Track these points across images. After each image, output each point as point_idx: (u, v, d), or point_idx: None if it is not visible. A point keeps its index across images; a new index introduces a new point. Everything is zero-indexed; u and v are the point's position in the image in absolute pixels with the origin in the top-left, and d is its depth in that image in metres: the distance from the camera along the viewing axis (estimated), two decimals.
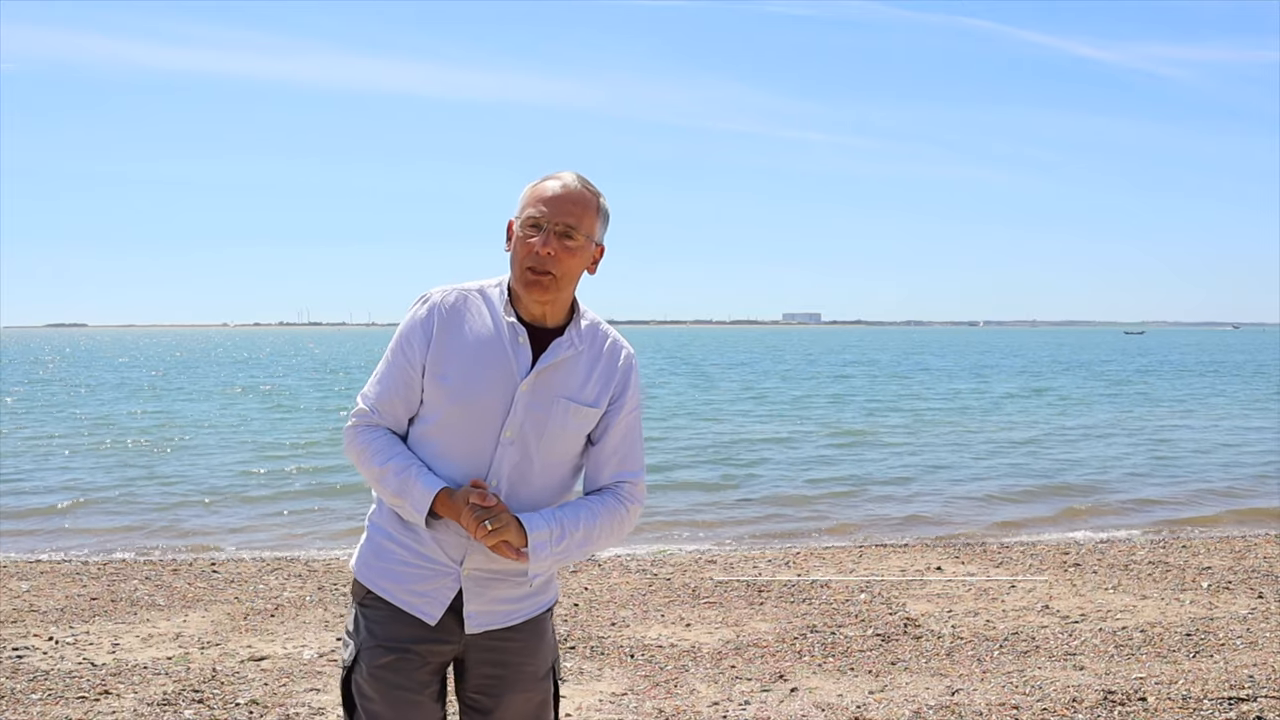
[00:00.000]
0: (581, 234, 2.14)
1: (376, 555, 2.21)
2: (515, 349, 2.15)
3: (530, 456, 2.15)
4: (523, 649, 2.23)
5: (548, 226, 2.12)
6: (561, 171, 2.19)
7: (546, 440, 2.16)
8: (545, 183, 2.17)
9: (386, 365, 2.20)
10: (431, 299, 2.20)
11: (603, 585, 6.86)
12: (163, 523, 10.27)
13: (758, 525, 10.23)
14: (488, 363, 2.14)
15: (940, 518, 10.50)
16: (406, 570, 2.17)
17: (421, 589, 2.16)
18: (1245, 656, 5.08)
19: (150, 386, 34.50)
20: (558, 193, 2.14)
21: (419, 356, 2.16)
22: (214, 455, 15.76)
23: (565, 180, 2.16)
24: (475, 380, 2.13)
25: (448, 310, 2.18)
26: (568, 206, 2.13)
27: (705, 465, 14.46)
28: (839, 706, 4.44)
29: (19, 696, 4.53)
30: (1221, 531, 9.52)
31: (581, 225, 2.14)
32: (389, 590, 2.17)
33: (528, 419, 2.14)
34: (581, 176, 2.18)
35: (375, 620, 2.19)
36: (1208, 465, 14.43)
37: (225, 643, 5.45)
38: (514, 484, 2.15)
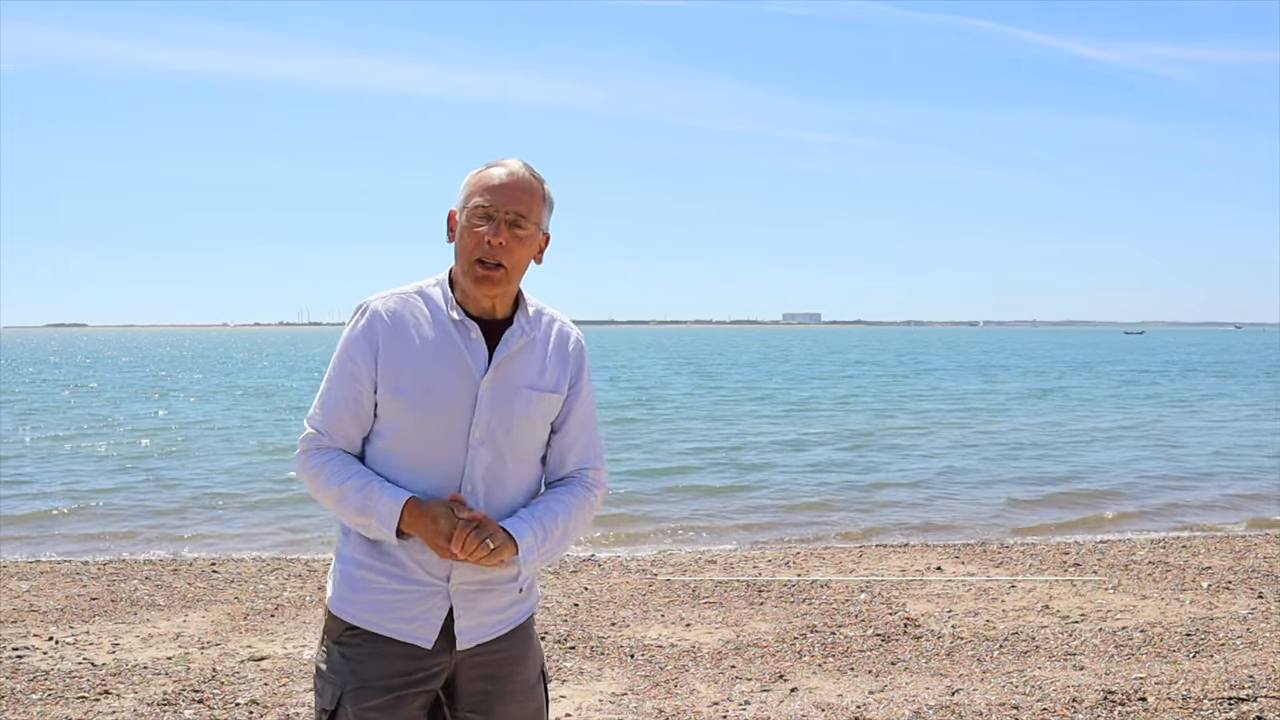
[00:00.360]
0: (531, 222, 2.07)
1: (354, 588, 2.07)
2: (469, 346, 2.07)
3: (502, 455, 2.08)
4: (512, 658, 2.15)
5: (498, 216, 2.04)
6: (505, 159, 2.11)
7: (515, 435, 2.09)
8: (490, 170, 2.09)
9: (331, 384, 2.09)
10: (370, 308, 2.10)
11: (603, 585, 6.86)
12: (163, 523, 10.28)
13: (771, 531, 10.00)
14: (443, 365, 2.06)
15: (961, 522, 10.30)
16: (391, 598, 2.05)
17: (410, 614, 2.05)
18: (1245, 656, 5.08)
19: (153, 389, 34.48)
20: (505, 180, 2.06)
21: (366, 371, 2.06)
22: (216, 457, 15.76)
23: (512, 168, 2.08)
24: (434, 386, 2.04)
25: (390, 318, 2.07)
26: (516, 194, 2.06)
27: (714, 468, 14.31)
28: (839, 706, 4.44)
29: (19, 696, 4.53)
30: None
31: (531, 213, 2.07)
32: (374, 622, 2.05)
33: (494, 416, 2.06)
34: (526, 164, 2.11)
35: (358, 658, 2.05)
36: (1232, 468, 14.21)
37: (225, 643, 5.45)
38: (490, 487, 2.08)
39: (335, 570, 2.13)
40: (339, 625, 2.08)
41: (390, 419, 2.06)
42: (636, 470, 13.83)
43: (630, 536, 9.57)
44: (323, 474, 2.06)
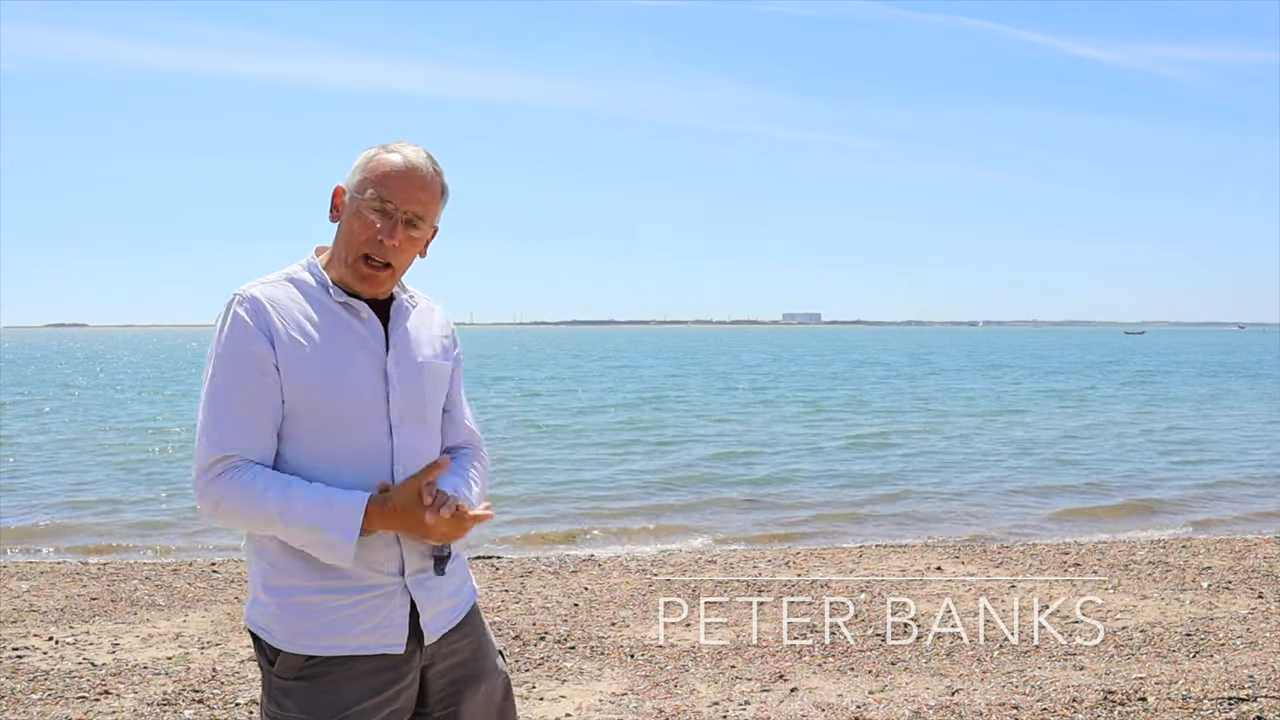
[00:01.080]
0: (427, 223, 1.97)
1: (305, 615, 1.89)
2: (365, 325, 1.96)
3: (420, 432, 2.01)
4: (474, 645, 2.09)
5: (395, 214, 1.92)
6: (405, 145, 1.98)
7: (428, 410, 2.03)
8: (391, 157, 1.95)
9: (224, 391, 1.86)
10: (250, 295, 1.91)
11: (603, 585, 6.86)
12: (164, 523, 10.28)
13: (802, 543, 9.61)
14: (346, 348, 1.93)
15: (1000, 529, 9.92)
16: (350, 612, 1.90)
17: (374, 623, 1.92)
18: (1245, 656, 5.08)
19: (156, 390, 34.49)
20: (408, 175, 1.93)
21: (268, 358, 1.86)
22: None
23: (414, 159, 1.95)
24: (344, 371, 1.91)
25: (272, 305, 1.91)
26: (418, 194, 1.94)
27: (734, 471, 13.94)
28: (839, 706, 4.44)
29: (19, 696, 4.53)
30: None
31: (429, 214, 1.97)
32: (337, 644, 1.89)
33: (406, 393, 1.98)
34: (428, 154, 1.98)
35: (327, 688, 1.89)
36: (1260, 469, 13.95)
37: (225, 643, 5.45)
38: (418, 464, 1.97)
39: (271, 605, 1.92)
40: (295, 660, 1.90)
41: (301, 414, 1.89)
42: (658, 475, 13.46)
43: (629, 536, 9.56)
44: (253, 492, 1.82)
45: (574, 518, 10.40)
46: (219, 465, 1.85)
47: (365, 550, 1.90)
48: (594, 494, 11.88)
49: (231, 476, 1.84)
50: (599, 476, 13.32)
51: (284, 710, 1.90)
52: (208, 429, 1.86)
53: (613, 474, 13.58)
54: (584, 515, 10.52)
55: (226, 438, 1.85)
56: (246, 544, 2.00)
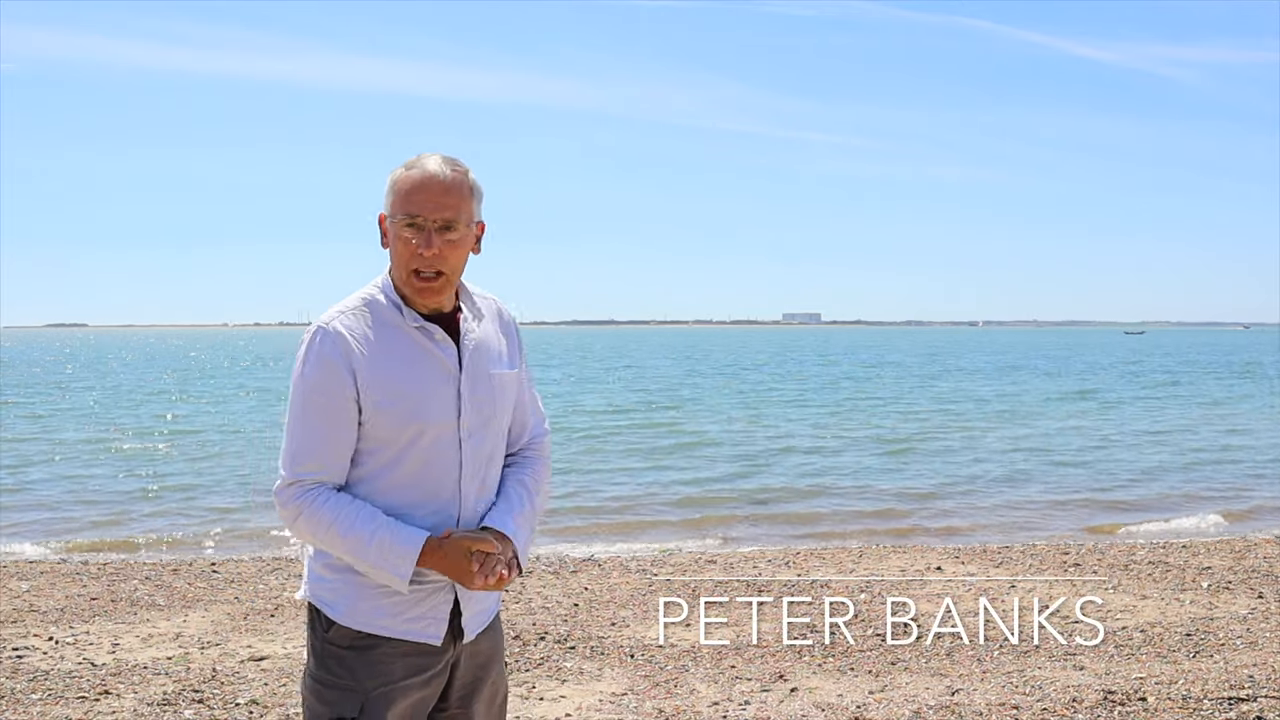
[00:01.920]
0: (461, 223, 2.03)
1: (361, 596, 2.06)
2: (439, 347, 2.08)
3: (487, 442, 2.14)
4: (494, 647, 2.25)
5: (426, 225, 2.00)
6: (424, 156, 2.05)
7: (497, 420, 2.16)
8: (409, 174, 2.03)
9: (305, 416, 2.02)
10: (329, 329, 2.03)
11: (603, 585, 6.86)
12: (164, 523, 10.28)
13: (803, 543, 9.47)
14: (425, 371, 2.06)
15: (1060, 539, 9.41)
16: (398, 600, 2.06)
17: (418, 612, 2.07)
18: (1245, 656, 5.08)
19: (158, 391, 34.51)
20: (427, 185, 2.00)
21: (347, 394, 2.00)
22: (220, 457, 15.77)
23: (430, 169, 2.02)
24: (424, 393, 2.04)
25: (354, 335, 2.03)
26: (440, 199, 2.01)
27: (764, 477, 13.44)
28: (839, 706, 4.44)
29: (19, 696, 4.53)
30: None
31: (460, 214, 2.02)
32: (386, 626, 2.05)
33: (475, 407, 2.10)
34: (447, 158, 2.05)
35: (375, 661, 2.05)
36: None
37: (225, 643, 5.45)
38: (483, 474, 2.14)
39: (333, 582, 2.09)
40: (349, 633, 2.06)
41: (379, 435, 2.03)
42: (693, 480, 13.05)
43: (630, 534, 9.56)
44: (322, 523, 2.01)
45: (589, 529, 10.07)
46: (296, 487, 2.03)
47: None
48: (623, 502, 11.49)
49: (305, 499, 2.02)
50: (631, 482, 12.92)
51: (334, 676, 2.05)
52: (289, 451, 2.04)
53: (644, 480, 13.11)
54: (600, 528, 10.18)
55: (303, 460, 2.02)
56: None
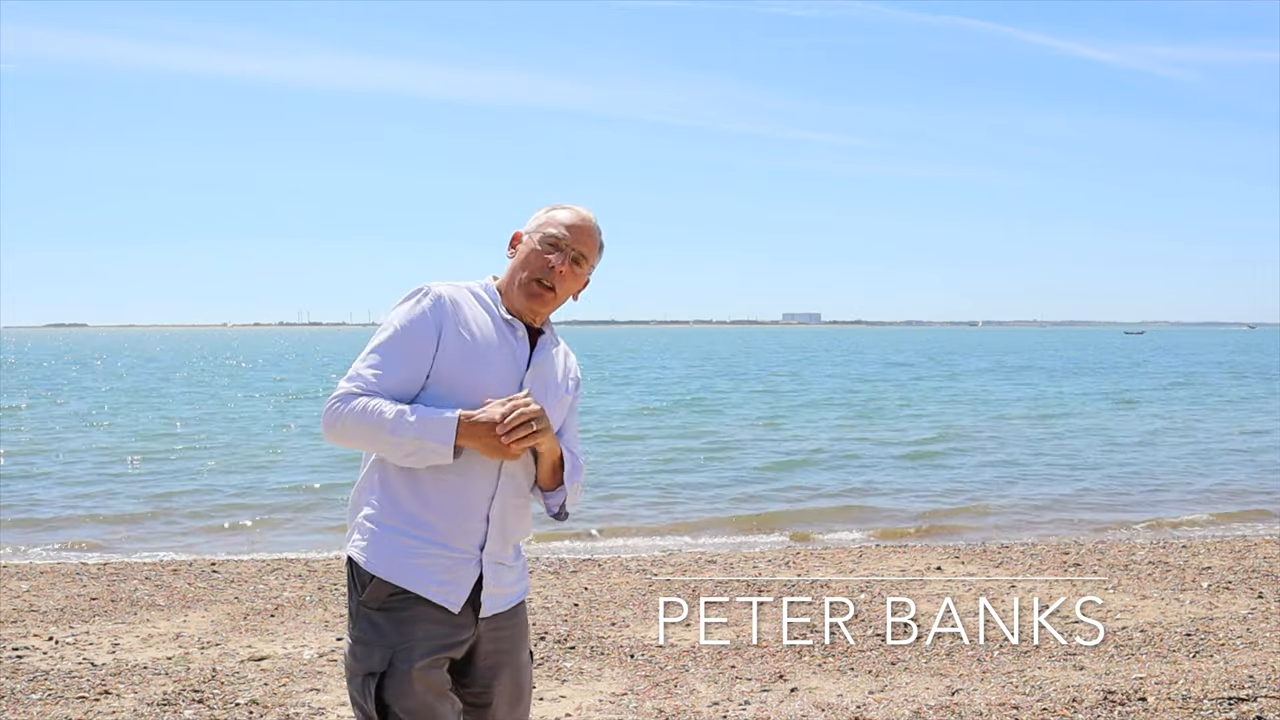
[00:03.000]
0: (589, 264, 2.39)
1: (397, 552, 2.24)
2: (516, 342, 2.34)
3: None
4: (517, 635, 2.40)
5: (566, 250, 2.34)
6: (578, 205, 2.41)
7: None
8: (565, 211, 2.38)
9: (385, 345, 2.26)
10: (433, 291, 2.29)
11: (603, 585, 6.86)
12: (164, 524, 10.29)
13: (803, 543, 9.62)
14: (496, 353, 2.30)
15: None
16: (429, 562, 2.24)
17: (444, 577, 2.25)
18: (1245, 656, 5.08)
19: (159, 392, 34.51)
20: (579, 224, 2.36)
21: (426, 346, 2.25)
22: (222, 457, 15.77)
23: (585, 215, 2.39)
24: (488, 365, 2.28)
25: (451, 302, 2.29)
26: (586, 239, 2.37)
27: (811, 480, 12.96)
28: (839, 706, 4.44)
29: (19, 696, 4.53)
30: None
31: (591, 258, 2.39)
32: (417, 581, 2.23)
33: None
34: (588, 211, 2.41)
35: (405, 620, 2.23)
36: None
37: (225, 643, 5.45)
38: (519, 471, 2.33)
39: (375, 537, 2.26)
40: (382, 591, 2.23)
41: (442, 395, 2.24)
42: (734, 484, 12.79)
43: (632, 533, 9.56)
44: (369, 408, 2.18)
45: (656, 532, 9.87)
46: (350, 393, 2.22)
47: (460, 519, 2.26)
48: (668, 505, 11.27)
49: (355, 400, 2.21)
50: (670, 484, 12.80)
51: (365, 634, 2.23)
52: (356, 368, 2.25)
53: (685, 482, 12.95)
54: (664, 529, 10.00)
55: (364, 375, 2.24)
56: (358, 486, 2.34)
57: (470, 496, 2.27)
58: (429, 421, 2.17)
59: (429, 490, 2.25)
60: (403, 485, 2.26)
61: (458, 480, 2.25)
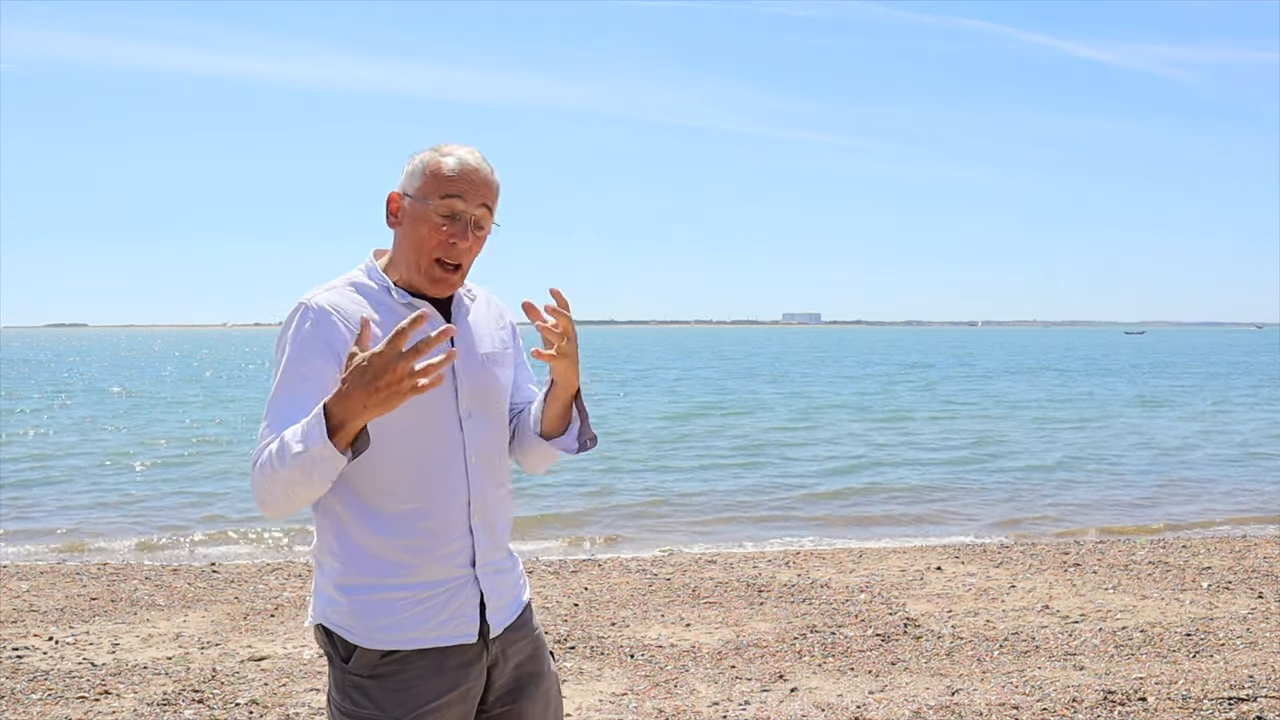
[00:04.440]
0: (491, 220, 2.00)
1: (381, 612, 1.93)
2: (430, 325, 1.94)
3: (489, 421, 2.05)
4: (533, 645, 2.13)
5: (464, 217, 1.94)
6: (457, 146, 1.99)
7: (495, 398, 2.08)
8: (448, 160, 1.96)
9: (283, 391, 1.90)
10: (315, 304, 1.94)
11: (603, 585, 6.86)
12: (164, 524, 10.28)
13: (806, 544, 9.86)
14: None
15: None
16: (423, 607, 1.95)
17: (448, 614, 1.96)
18: (1245, 656, 5.08)
19: (151, 392, 34.52)
20: (472, 177, 1.95)
21: (327, 370, 1.88)
22: (222, 458, 15.77)
23: (472, 160, 1.97)
24: None
25: (338, 311, 1.93)
26: (482, 191, 1.96)
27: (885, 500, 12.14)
28: (839, 706, 4.44)
29: (19, 696, 4.53)
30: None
31: (493, 209, 2.00)
32: (413, 638, 1.93)
33: (473, 386, 2.02)
34: (479, 153, 2.00)
35: (406, 684, 1.93)
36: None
37: (225, 643, 5.45)
38: (488, 454, 2.03)
39: (346, 605, 1.95)
40: (370, 658, 1.93)
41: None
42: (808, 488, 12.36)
43: (633, 533, 9.56)
44: (261, 461, 1.83)
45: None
46: (254, 461, 1.91)
47: (439, 543, 1.95)
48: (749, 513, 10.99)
49: (255, 465, 1.86)
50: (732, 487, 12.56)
51: (358, 706, 1.92)
52: (264, 428, 1.89)
53: (741, 485, 12.63)
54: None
55: (277, 435, 1.88)
56: (315, 546, 2.02)
57: (440, 511, 1.96)
58: (300, 427, 1.76)
59: (389, 522, 1.93)
60: (359, 528, 1.93)
61: (417, 495, 1.94)
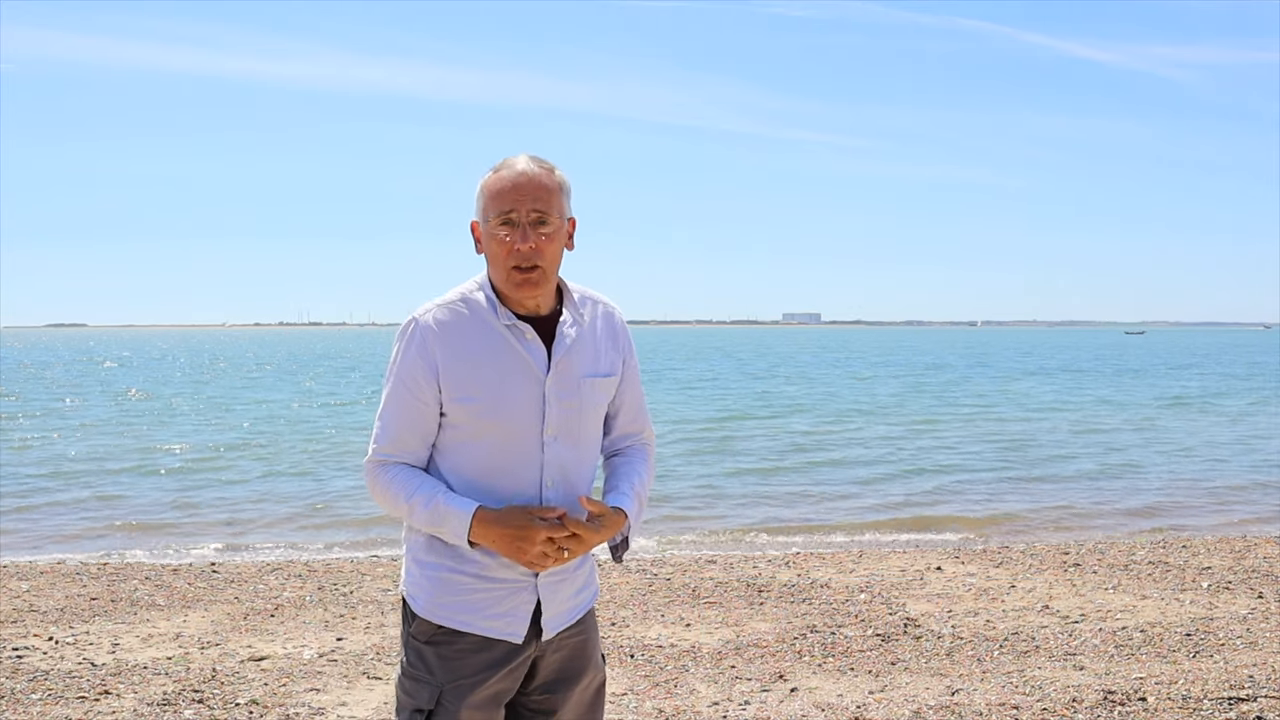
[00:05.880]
0: (554, 217, 2.08)
1: (445, 589, 2.11)
2: (527, 347, 2.10)
3: (575, 446, 2.14)
4: (583, 642, 2.24)
5: (521, 220, 2.05)
6: (511, 158, 2.11)
7: (584, 425, 2.16)
8: (500, 174, 2.09)
9: (390, 401, 2.12)
10: (421, 322, 2.10)
11: (603, 585, 6.86)
12: (164, 524, 10.28)
13: (803, 544, 9.95)
14: (507, 370, 2.09)
15: None
16: (482, 597, 2.10)
17: (500, 610, 2.10)
18: (1245, 656, 5.08)
19: (149, 393, 34.51)
20: (519, 182, 2.06)
21: (427, 386, 2.08)
22: (227, 458, 15.77)
23: (519, 167, 2.08)
24: (502, 391, 2.07)
25: (442, 329, 2.09)
26: (531, 194, 2.06)
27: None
28: (839, 706, 4.44)
29: (19, 696, 4.53)
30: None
31: (551, 209, 2.07)
32: (466, 622, 2.09)
33: (562, 411, 2.11)
34: (533, 156, 2.11)
35: (453, 656, 2.10)
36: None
37: (225, 643, 5.45)
38: (567, 478, 2.13)
39: (418, 575, 2.14)
40: (429, 627, 2.11)
41: (462, 429, 2.09)
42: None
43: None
44: (391, 489, 2.09)
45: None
46: (374, 462, 2.13)
47: None
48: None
49: (380, 473, 2.12)
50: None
51: (414, 667, 2.13)
52: (375, 431, 2.14)
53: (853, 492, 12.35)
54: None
55: (383, 442, 2.12)
56: (407, 524, 2.21)
57: None
58: (449, 510, 2.04)
59: None
60: None
61: (500, 499, 2.09)
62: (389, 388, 2.13)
